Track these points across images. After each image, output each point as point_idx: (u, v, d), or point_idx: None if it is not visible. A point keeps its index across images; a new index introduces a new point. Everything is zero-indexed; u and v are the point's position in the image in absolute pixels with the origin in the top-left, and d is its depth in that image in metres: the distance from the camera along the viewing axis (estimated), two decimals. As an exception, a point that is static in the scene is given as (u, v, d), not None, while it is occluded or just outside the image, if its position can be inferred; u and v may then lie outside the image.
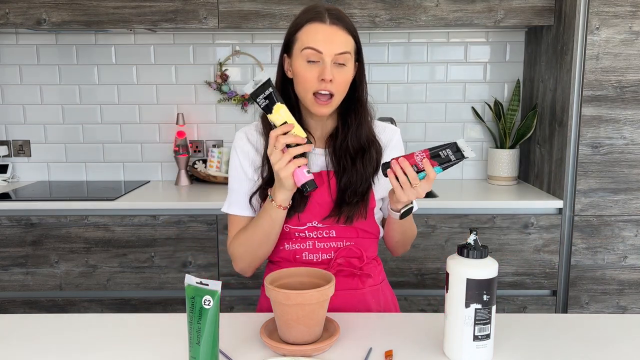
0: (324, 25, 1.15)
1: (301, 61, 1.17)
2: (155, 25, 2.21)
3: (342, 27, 1.16)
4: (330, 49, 1.14)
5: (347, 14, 1.26)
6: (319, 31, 1.15)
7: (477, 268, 0.93)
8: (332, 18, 1.16)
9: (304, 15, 1.18)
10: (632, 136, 2.07)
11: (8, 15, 2.18)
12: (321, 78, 1.15)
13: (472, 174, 2.66)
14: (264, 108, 1.11)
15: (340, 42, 1.15)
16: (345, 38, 1.17)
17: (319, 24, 1.16)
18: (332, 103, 1.18)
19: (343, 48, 1.16)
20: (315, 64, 1.16)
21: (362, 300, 1.27)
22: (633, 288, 2.16)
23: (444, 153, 1.08)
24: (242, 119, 2.61)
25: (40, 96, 2.59)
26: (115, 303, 2.21)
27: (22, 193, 2.34)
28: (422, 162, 1.09)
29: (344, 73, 1.17)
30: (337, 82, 1.16)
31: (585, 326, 1.12)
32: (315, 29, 1.16)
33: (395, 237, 1.29)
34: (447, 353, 0.99)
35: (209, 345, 0.89)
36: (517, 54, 2.56)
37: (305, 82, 1.17)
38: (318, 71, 1.15)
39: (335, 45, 1.15)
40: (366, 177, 1.24)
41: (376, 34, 2.55)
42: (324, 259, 1.25)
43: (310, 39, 1.15)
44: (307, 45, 1.15)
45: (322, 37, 1.15)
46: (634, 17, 2.00)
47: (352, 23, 1.20)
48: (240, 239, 1.25)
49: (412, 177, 1.08)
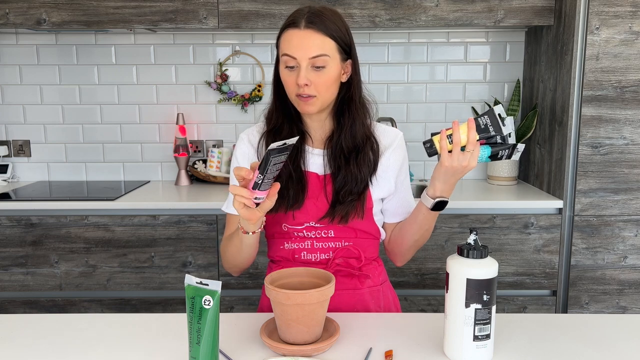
0: (298, 31, 1.16)
1: (282, 67, 1.20)
2: (155, 25, 2.21)
3: (317, 30, 1.16)
4: (304, 53, 1.15)
5: (346, 14, 1.26)
6: (293, 37, 1.17)
7: (477, 268, 0.93)
8: (307, 22, 1.16)
9: (285, 22, 1.21)
10: (632, 136, 2.07)
11: (8, 15, 2.18)
12: (296, 83, 1.16)
13: (472, 174, 2.66)
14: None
15: (313, 46, 1.15)
16: (321, 40, 1.16)
17: (293, 29, 1.17)
18: (315, 102, 1.19)
19: (317, 51, 1.16)
20: (293, 69, 1.18)
21: (360, 300, 1.27)
22: (633, 288, 2.16)
23: (482, 121, 1.06)
24: (242, 119, 2.61)
25: (40, 96, 2.59)
26: (115, 303, 2.21)
27: (22, 193, 2.34)
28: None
29: (322, 75, 1.17)
30: (316, 84, 1.17)
31: (585, 326, 1.12)
32: (290, 35, 1.17)
33: (416, 236, 1.25)
34: (447, 353, 0.99)
35: (209, 345, 0.89)
36: (517, 54, 2.56)
37: (287, 87, 1.20)
38: (295, 76, 1.17)
39: (308, 50, 1.15)
40: (361, 177, 1.23)
41: (376, 34, 2.55)
42: (322, 258, 1.25)
43: (286, 45, 1.17)
44: (283, 51, 1.18)
45: (295, 42, 1.16)
46: (634, 17, 2.00)
47: (335, 24, 1.18)
48: (223, 246, 1.29)
49: (472, 141, 1.06)
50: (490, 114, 1.06)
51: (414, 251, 1.32)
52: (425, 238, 1.28)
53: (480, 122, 1.06)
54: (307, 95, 1.17)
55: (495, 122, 1.05)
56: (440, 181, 1.14)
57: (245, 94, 2.58)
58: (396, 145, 1.30)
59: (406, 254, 1.32)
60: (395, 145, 1.30)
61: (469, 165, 1.08)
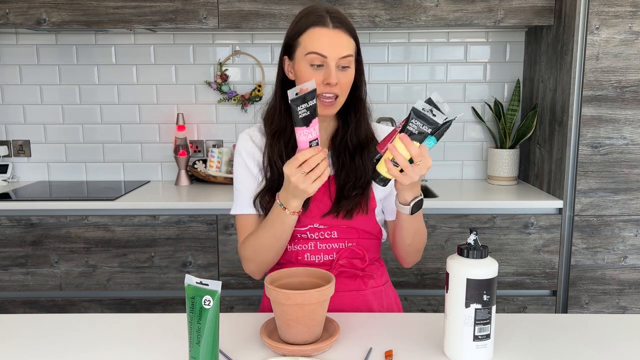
0: (327, 30, 1.16)
1: (305, 65, 1.17)
2: (155, 25, 2.21)
3: (345, 30, 1.17)
4: (335, 52, 1.15)
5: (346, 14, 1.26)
6: (323, 35, 1.16)
7: (477, 268, 0.93)
8: (334, 22, 1.17)
9: (306, 19, 1.18)
10: (632, 136, 2.07)
11: (8, 15, 2.18)
12: (327, 82, 1.15)
13: (472, 174, 2.66)
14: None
15: (343, 46, 1.16)
16: (348, 41, 1.17)
17: (322, 28, 1.16)
18: (336, 104, 1.19)
19: (346, 51, 1.16)
20: (319, 68, 1.16)
21: (364, 301, 1.27)
22: (633, 288, 2.16)
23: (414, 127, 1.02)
24: (242, 119, 2.61)
25: (40, 96, 2.59)
26: (115, 303, 2.21)
27: (22, 193, 2.34)
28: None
29: (347, 75, 1.18)
30: (342, 84, 1.18)
31: (585, 326, 1.12)
32: (319, 33, 1.16)
33: (407, 240, 1.24)
34: (447, 353, 0.99)
35: (209, 345, 0.89)
36: (517, 54, 2.56)
37: None
38: (323, 75, 1.16)
39: (339, 49, 1.15)
40: (366, 172, 1.24)
41: (376, 34, 2.55)
42: (326, 260, 1.25)
43: (315, 43, 1.16)
44: (311, 50, 1.16)
45: (326, 41, 1.15)
46: (634, 17, 2.00)
47: (351, 24, 1.21)
48: (251, 242, 1.24)
49: (415, 154, 1.03)
50: (417, 114, 1.02)
51: (415, 253, 1.30)
52: (419, 240, 1.26)
53: (412, 129, 1.03)
54: (332, 94, 1.17)
55: (427, 118, 1.01)
56: (406, 190, 1.12)
57: (245, 94, 2.58)
58: None
59: (407, 257, 1.31)
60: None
61: (426, 170, 1.06)
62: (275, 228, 1.17)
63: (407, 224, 1.20)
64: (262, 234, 1.20)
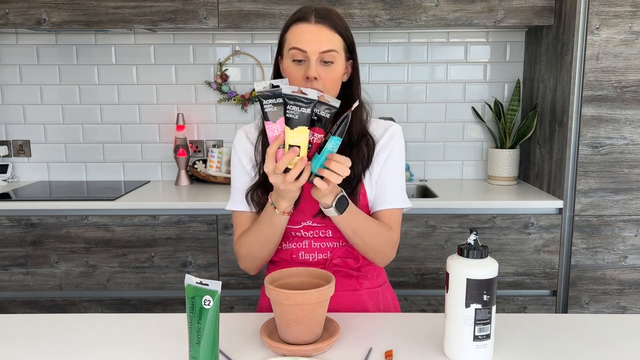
0: (309, 25, 1.16)
1: (288, 61, 1.18)
2: (155, 25, 2.21)
3: (328, 25, 1.17)
4: (315, 47, 1.15)
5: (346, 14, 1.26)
6: (304, 30, 1.16)
7: (477, 268, 0.93)
8: (317, 17, 1.17)
9: (292, 17, 1.20)
10: (632, 136, 2.07)
11: (8, 15, 2.18)
12: (306, 76, 1.15)
13: (472, 174, 2.66)
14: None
15: (325, 40, 1.16)
16: (331, 36, 1.17)
17: (303, 23, 1.17)
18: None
19: (328, 46, 1.16)
20: (301, 63, 1.17)
21: (359, 302, 1.27)
22: (633, 288, 2.16)
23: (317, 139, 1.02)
24: (242, 119, 2.61)
25: (40, 96, 2.59)
26: (115, 303, 2.21)
27: (22, 193, 2.34)
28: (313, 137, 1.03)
29: (331, 71, 1.17)
30: (324, 79, 1.16)
31: (585, 326, 1.12)
32: (300, 28, 1.17)
33: (353, 241, 1.21)
34: (447, 353, 0.99)
35: (209, 345, 0.89)
36: (517, 54, 2.56)
37: (292, 81, 1.18)
38: (304, 70, 1.16)
39: (319, 44, 1.15)
40: (356, 171, 1.23)
41: (376, 34, 2.55)
42: (320, 258, 1.25)
43: (296, 38, 1.16)
44: (292, 45, 1.17)
45: (306, 36, 1.16)
46: (634, 17, 2.00)
47: (342, 22, 1.20)
48: (244, 240, 1.25)
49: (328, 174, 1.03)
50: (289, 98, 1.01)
51: (375, 256, 1.24)
52: (367, 240, 1.20)
53: (291, 115, 1.01)
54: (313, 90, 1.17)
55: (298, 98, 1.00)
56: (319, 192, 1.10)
57: (245, 94, 2.58)
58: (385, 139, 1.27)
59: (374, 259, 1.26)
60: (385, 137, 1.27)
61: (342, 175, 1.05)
62: (267, 227, 1.18)
63: (343, 225, 1.16)
64: (255, 233, 1.22)
